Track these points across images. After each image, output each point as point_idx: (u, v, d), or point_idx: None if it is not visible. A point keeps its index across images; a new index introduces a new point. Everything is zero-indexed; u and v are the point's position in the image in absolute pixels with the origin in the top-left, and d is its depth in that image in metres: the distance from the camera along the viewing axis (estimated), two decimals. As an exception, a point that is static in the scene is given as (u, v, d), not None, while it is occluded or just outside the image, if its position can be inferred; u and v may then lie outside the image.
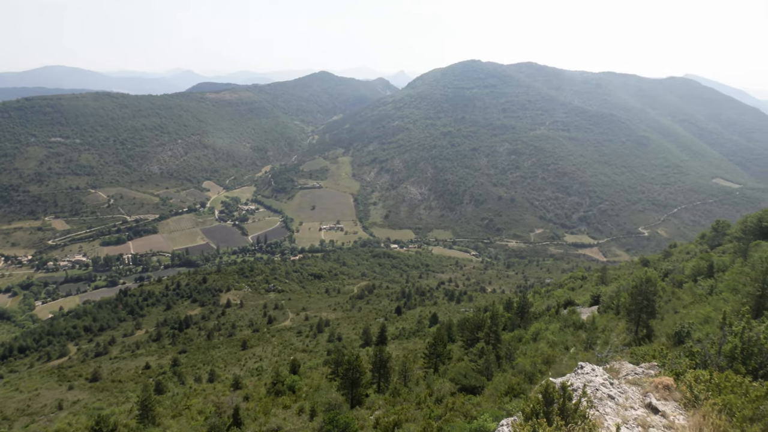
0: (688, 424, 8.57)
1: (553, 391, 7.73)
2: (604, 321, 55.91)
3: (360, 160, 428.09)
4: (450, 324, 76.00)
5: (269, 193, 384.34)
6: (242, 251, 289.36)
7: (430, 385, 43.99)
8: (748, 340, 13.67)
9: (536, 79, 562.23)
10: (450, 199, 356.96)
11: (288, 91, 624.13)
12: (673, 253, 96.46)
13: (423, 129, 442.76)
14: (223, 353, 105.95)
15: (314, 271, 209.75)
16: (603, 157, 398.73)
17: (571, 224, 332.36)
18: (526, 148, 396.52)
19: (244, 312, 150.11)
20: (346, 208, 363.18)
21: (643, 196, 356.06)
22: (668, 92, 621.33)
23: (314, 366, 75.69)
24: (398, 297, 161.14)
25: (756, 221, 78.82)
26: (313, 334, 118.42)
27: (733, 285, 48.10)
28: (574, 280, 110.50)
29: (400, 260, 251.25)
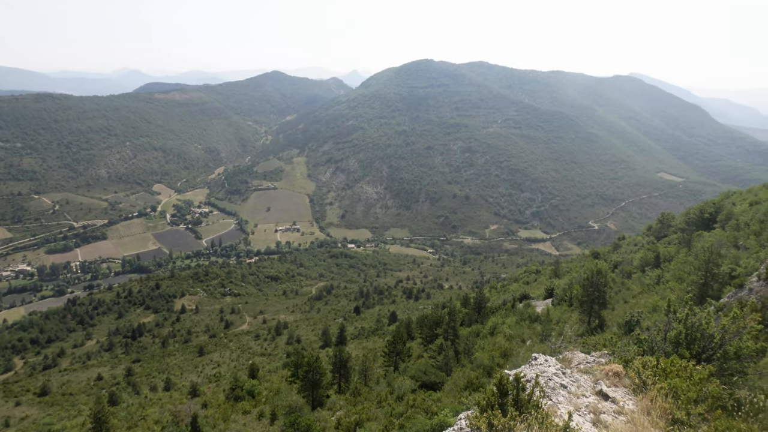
0: (637, 409, 9.06)
1: (507, 383, 8.06)
2: (558, 313, 57.51)
3: (315, 161, 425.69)
4: (409, 322, 76.58)
5: (223, 195, 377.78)
6: (196, 255, 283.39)
7: (390, 383, 44.32)
8: (692, 326, 14.47)
9: (488, 78, 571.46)
10: (406, 198, 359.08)
11: (240, 91, 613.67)
12: (622, 245, 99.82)
13: (378, 128, 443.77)
14: (179, 360, 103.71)
15: (271, 274, 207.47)
16: (554, 154, 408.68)
17: (524, 220, 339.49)
18: (480, 146, 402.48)
19: (200, 317, 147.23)
20: (302, 209, 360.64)
21: (593, 191, 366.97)
22: (614, 90, 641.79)
23: (274, 369, 75.07)
24: (357, 297, 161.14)
25: (698, 213, 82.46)
26: (271, 337, 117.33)
27: (678, 274, 50.31)
28: (529, 275, 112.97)
29: (358, 260, 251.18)
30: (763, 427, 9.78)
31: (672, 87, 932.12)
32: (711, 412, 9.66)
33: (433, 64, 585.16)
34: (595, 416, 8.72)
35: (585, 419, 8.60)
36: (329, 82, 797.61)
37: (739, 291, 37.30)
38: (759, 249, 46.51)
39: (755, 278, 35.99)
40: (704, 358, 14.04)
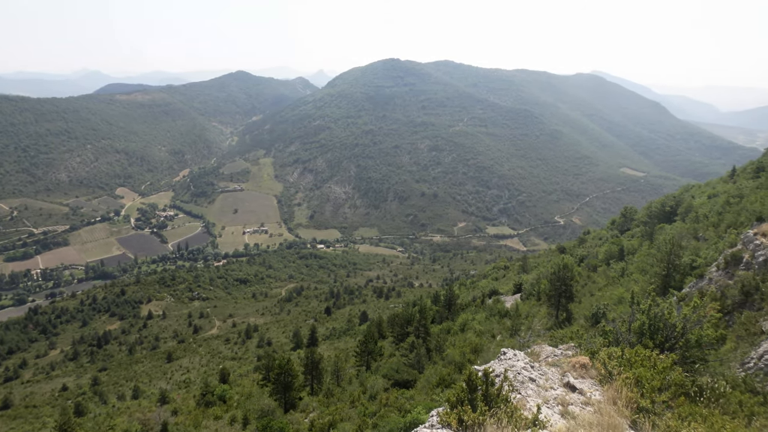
0: (603, 399, 9.26)
1: (476, 378, 8.14)
2: (527, 308, 58.36)
3: (282, 161, 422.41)
4: (380, 321, 76.67)
5: (188, 197, 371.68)
6: (162, 260, 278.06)
7: (363, 383, 44.35)
8: (655, 316, 14.87)
9: (453, 77, 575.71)
10: (374, 197, 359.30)
11: (204, 91, 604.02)
12: (587, 240, 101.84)
13: (345, 128, 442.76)
14: (148, 367, 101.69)
15: (240, 276, 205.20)
16: (519, 151, 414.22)
17: (492, 216, 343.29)
18: (447, 145, 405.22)
19: (168, 323, 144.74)
20: (269, 210, 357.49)
21: (558, 186, 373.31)
22: (577, 88, 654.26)
23: (245, 373, 74.32)
24: (327, 297, 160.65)
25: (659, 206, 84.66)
26: (241, 340, 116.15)
27: (641, 266, 51.60)
28: (497, 270, 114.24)
29: (327, 260, 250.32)
30: (724, 411, 10.12)
31: (632, 84, 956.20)
32: (674, 400, 9.94)
33: (399, 63, 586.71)
34: (563, 408, 8.88)
35: (553, 411, 8.75)
36: (295, 81, 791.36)
37: (699, 281, 38.43)
38: (718, 240, 47.98)
39: (714, 268, 37.13)
40: (667, 347, 14.44)
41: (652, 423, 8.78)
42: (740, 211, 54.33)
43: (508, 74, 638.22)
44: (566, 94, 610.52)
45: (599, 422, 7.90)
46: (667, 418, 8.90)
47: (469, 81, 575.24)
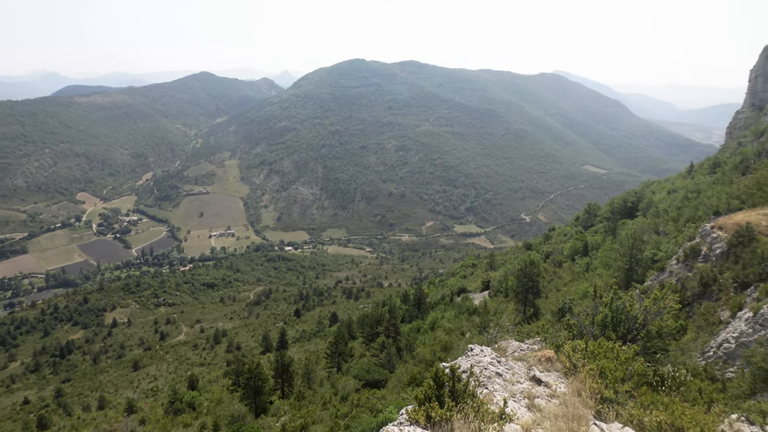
0: (568, 391, 9.43)
1: (443, 375, 8.20)
2: (495, 304, 59.08)
3: (248, 163, 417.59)
4: (350, 322, 76.63)
5: (152, 201, 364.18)
6: (126, 266, 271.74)
7: (334, 385, 44.23)
8: (617, 309, 15.26)
9: (419, 77, 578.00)
10: (342, 198, 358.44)
11: (167, 93, 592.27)
12: (553, 236, 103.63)
13: (311, 128, 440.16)
14: (113, 377, 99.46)
15: (206, 281, 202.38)
16: (485, 150, 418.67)
17: (459, 215, 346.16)
18: (413, 144, 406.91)
19: (133, 330, 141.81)
20: (236, 213, 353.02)
21: (523, 184, 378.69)
22: (540, 87, 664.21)
23: (214, 379, 73.48)
24: (296, 299, 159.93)
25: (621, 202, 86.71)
26: (210, 346, 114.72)
27: (605, 261, 52.78)
28: (466, 268, 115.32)
29: (296, 262, 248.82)
30: (685, 399, 10.41)
31: (594, 83, 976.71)
32: (637, 389, 10.20)
33: (364, 63, 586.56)
34: (529, 401, 9.02)
35: (520, 404, 8.87)
36: (260, 82, 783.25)
37: (660, 274, 39.51)
38: (677, 234, 49.41)
39: (674, 261, 38.22)
40: (629, 339, 14.82)
41: (615, 412, 8.99)
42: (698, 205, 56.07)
43: (473, 74, 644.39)
44: (530, 93, 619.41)
45: (564, 414, 8.05)
46: (630, 407, 9.13)
47: (434, 81, 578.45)
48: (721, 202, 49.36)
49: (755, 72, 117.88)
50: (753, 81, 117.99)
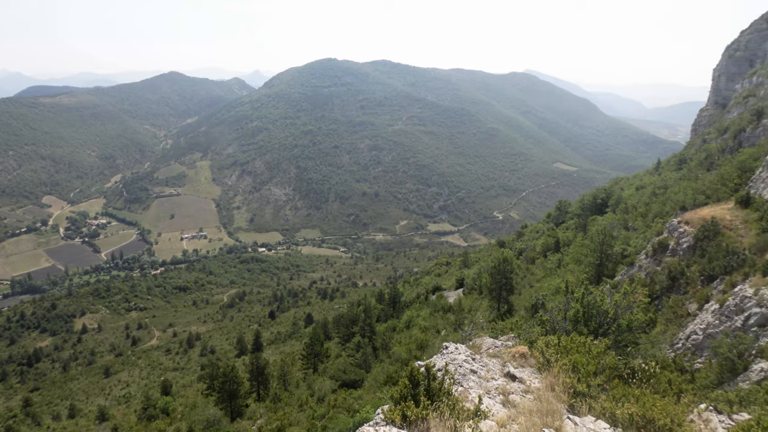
0: (542, 386, 9.54)
1: (418, 373, 8.22)
2: (469, 302, 59.50)
3: (220, 164, 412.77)
4: (325, 322, 76.44)
5: (122, 204, 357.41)
6: (96, 270, 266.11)
7: (310, 386, 44.06)
8: (588, 304, 15.51)
9: (391, 77, 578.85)
10: (315, 198, 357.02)
11: (135, 93, 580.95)
12: (525, 233, 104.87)
13: (283, 128, 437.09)
14: (84, 384, 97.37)
15: (179, 284, 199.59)
16: (457, 149, 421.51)
17: (432, 214, 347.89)
18: (386, 144, 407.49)
19: (104, 336, 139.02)
20: (208, 215, 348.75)
21: (495, 182, 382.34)
22: (511, 86, 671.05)
23: (188, 384, 72.57)
24: (271, 301, 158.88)
25: (591, 199, 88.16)
26: (183, 350, 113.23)
27: (576, 257, 53.54)
28: (440, 267, 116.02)
29: (270, 263, 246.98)
30: (655, 390, 10.61)
31: (563, 83, 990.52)
32: (609, 382, 10.37)
33: (336, 63, 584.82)
34: (504, 397, 9.10)
35: (495, 401, 8.94)
36: (231, 82, 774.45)
37: (630, 269, 40.30)
38: (646, 229, 50.47)
39: (643, 256, 39.01)
40: (601, 333, 15.07)
41: (588, 406, 9.13)
42: (665, 201, 57.36)
43: (445, 73, 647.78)
44: (501, 92, 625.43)
45: (539, 409, 8.14)
46: (602, 401, 9.27)
47: (406, 80, 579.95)
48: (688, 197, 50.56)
49: (718, 71, 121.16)
50: (716, 80, 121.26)
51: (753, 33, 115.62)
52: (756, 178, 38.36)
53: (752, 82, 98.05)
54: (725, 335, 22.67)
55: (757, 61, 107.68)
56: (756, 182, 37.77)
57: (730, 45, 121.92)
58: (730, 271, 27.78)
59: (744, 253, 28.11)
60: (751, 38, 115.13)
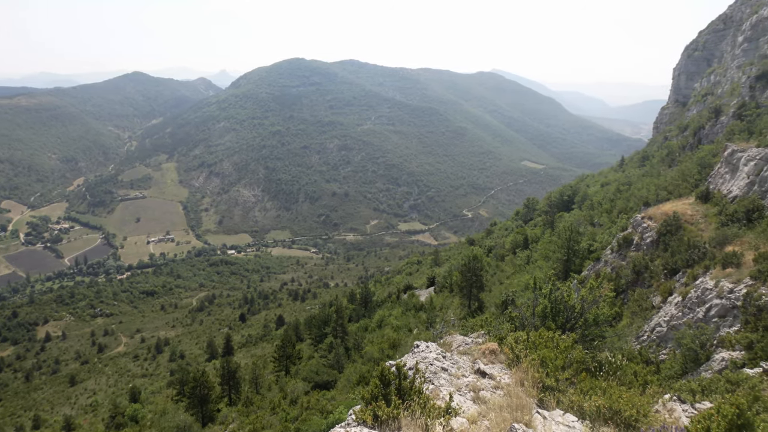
0: (512, 381, 9.66)
1: (389, 373, 8.23)
2: (441, 300, 59.88)
3: (186, 165, 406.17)
4: (297, 324, 76.02)
5: (85, 208, 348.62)
6: (59, 276, 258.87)
7: (283, 388, 43.77)
8: (555, 299, 15.77)
9: (360, 76, 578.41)
10: (285, 199, 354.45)
11: (98, 94, 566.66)
12: (494, 231, 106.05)
13: (251, 129, 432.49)
14: (48, 394, 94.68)
15: (146, 288, 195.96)
16: (426, 148, 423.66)
17: (403, 213, 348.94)
18: (355, 143, 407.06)
19: (69, 344, 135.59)
20: (175, 217, 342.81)
21: (464, 181, 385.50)
22: (478, 86, 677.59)
23: (157, 390, 71.40)
24: (241, 304, 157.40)
25: (558, 196, 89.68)
26: (152, 356, 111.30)
27: (545, 253, 54.45)
28: (411, 265, 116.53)
29: (239, 266, 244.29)
30: (621, 382, 10.85)
31: (529, 82, 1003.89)
32: (577, 376, 10.55)
33: (304, 62, 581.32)
34: (475, 394, 9.18)
35: (465, 398, 9.02)
36: (197, 82, 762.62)
37: (597, 264, 41.12)
38: (611, 225, 51.54)
39: (609, 251, 39.85)
40: (568, 328, 15.33)
41: (557, 400, 9.28)
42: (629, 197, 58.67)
43: (413, 73, 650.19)
44: (468, 91, 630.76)
45: (508, 404, 8.24)
46: (570, 394, 9.43)
47: (375, 80, 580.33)
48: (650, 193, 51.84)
49: (678, 70, 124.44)
50: (676, 78, 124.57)
51: (710, 33, 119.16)
52: (715, 173, 39.52)
53: (710, 80, 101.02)
54: (688, 327, 23.31)
55: (715, 60, 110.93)
56: (715, 178, 38.91)
57: (689, 45, 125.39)
58: (692, 265, 28.57)
59: (704, 246, 28.94)
60: (708, 38, 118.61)
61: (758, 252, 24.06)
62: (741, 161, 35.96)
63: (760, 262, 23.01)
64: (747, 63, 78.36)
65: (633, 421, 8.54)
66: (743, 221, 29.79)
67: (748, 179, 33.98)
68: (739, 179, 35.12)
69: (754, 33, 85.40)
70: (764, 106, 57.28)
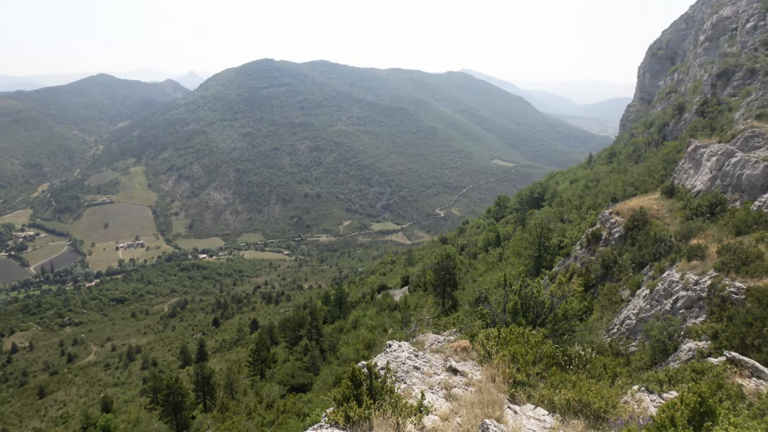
0: (483, 378, 9.76)
1: (360, 373, 8.24)
2: (415, 299, 60.08)
3: (155, 169, 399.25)
4: (271, 327, 75.47)
5: (51, 214, 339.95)
6: (24, 285, 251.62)
7: (258, 393, 43.46)
8: (525, 295, 15.98)
9: (330, 77, 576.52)
10: (256, 201, 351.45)
11: (62, 97, 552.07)
12: (467, 229, 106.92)
13: (221, 131, 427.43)
14: (16, 407, 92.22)
15: (116, 296, 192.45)
16: (398, 148, 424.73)
17: (375, 213, 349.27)
18: (327, 144, 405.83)
19: (36, 355, 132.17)
20: (144, 222, 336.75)
21: (436, 180, 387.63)
22: (449, 85, 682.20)
23: (130, 399, 70.24)
24: (214, 308, 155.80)
25: (529, 193, 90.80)
26: (123, 364, 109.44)
27: (516, 250, 55.06)
28: (385, 265, 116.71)
29: (212, 270, 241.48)
30: (591, 375, 11.02)
31: (498, 81, 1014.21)
32: (547, 370, 10.69)
33: (274, 63, 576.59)
34: (447, 391, 9.25)
35: (438, 396, 9.07)
36: (164, 84, 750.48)
37: (567, 259, 41.75)
38: (580, 221, 52.39)
39: (579, 247, 40.49)
40: (538, 323, 15.55)
41: (528, 394, 9.41)
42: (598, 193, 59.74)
43: (384, 73, 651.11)
44: (438, 91, 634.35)
45: (480, 400, 8.31)
46: (541, 388, 9.57)
47: (345, 80, 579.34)
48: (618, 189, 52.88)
49: (643, 68, 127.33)
50: (641, 77, 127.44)
51: (673, 33, 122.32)
52: (679, 169, 40.51)
53: (674, 78, 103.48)
54: (656, 319, 23.84)
55: (678, 58, 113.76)
56: (679, 173, 39.89)
57: (653, 44, 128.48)
58: (659, 258, 29.23)
59: (671, 240, 29.64)
60: (671, 37, 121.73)
61: (721, 244, 24.73)
62: (704, 157, 36.94)
63: (723, 254, 23.66)
64: (708, 61, 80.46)
65: (602, 412, 8.69)
66: (707, 215, 30.59)
67: (711, 174, 34.91)
68: (703, 174, 36.06)
69: (714, 32, 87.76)
70: (725, 103, 58.92)
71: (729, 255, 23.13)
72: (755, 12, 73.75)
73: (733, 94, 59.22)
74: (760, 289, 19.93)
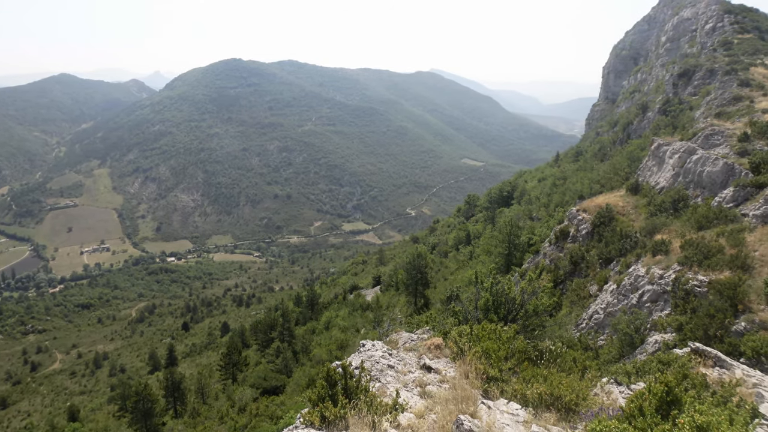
0: (456, 374, 9.85)
1: (335, 373, 8.25)
2: (387, 298, 60.20)
3: (120, 171, 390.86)
4: (242, 330, 74.83)
5: (11, 219, 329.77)
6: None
7: (230, 397, 42.99)
8: (496, 292, 16.19)
9: (299, 77, 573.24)
10: (225, 203, 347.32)
11: (21, 97, 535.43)
12: (437, 228, 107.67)
13: (188, 132, 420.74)
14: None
15: (81, 301, 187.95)
16: (368, 148, 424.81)
17: (346, 213, 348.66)
18: (297, 145, 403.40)
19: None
20: (110, 226, 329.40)
21: (407, 180, 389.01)
22: (418, 85, 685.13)
23: (98, 407, 68.71)
24: (183, 312, 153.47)
25: (498, 192, 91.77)
26: (90, 371, 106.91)
27: (486, 248, 55.62)
28: (356, 266, 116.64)
29: (180, 273, 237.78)
30: (562, 369, 11.23)
31: (467, 81, 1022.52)
32: (519, 365, 10.87)
33: (242, 63, 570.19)
34: (421, 389, 9.32)
35: (412, 393, 9.14)
36: (129, 84, 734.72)
37: (536, 256, 42.38)
38: (548, 218, 53.24)
39: (547, 244, 41.15)
40: (510, 319, 15.78)
41: (500, 389, 9.55)
42: (565, 191, 60.78)
43: (353, 73, 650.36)
44: (408, 91, 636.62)
45: (454, 397, 8.39)
46: (513, 383, 9.72)
47: (314, 80, 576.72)
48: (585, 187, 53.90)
49: (607, 69, 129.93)
50: (606, 77, 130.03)
51: (636, 34, 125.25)
52: (643, 166, 41.50)
53: (637, 78, 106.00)
54: (623, 313, 24.38)
55: (641, 59, 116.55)
56: (643, 170, 40.86)
57: (616, 45, 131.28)
58: (625, 253, 29.92)
59: (636, 236, 30.36)
60: (634, 38, 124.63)
61: (684, 239, 25.44)
62: (667, 154, 37.92)
63: (686, 248, 24.34)
64: (670, 62, 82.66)
65: (573, 405, 8.87)
66: (670, 211, 31.42)
67: (674, 171, 35.87)
68: (666, 171, 37.02)
69: (675, 33, 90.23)
70: (686, 102, 60.56)
71: (692, 249, 23.80)
72: (714, 14, 76.08)
73: (693, 93, 60.92)
74: (721, 281, 20.56)
